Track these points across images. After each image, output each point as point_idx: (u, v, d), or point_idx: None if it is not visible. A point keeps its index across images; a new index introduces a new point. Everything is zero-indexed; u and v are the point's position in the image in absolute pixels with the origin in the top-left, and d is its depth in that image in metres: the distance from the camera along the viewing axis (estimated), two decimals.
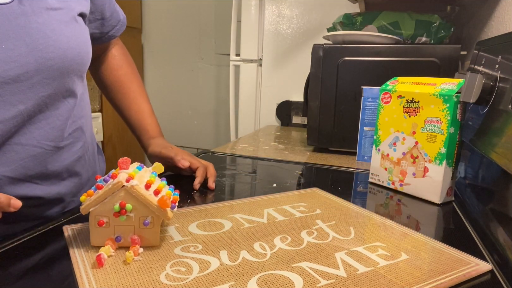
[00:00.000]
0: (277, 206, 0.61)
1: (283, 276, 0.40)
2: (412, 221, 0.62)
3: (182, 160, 0.71)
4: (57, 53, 0.52)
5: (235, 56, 1.75)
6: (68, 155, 0.60)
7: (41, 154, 0.54)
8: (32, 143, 0.52)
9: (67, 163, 0.59)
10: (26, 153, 0.52)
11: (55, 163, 0.57)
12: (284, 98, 1.64)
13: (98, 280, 0.39)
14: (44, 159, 0.55)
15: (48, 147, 0.55)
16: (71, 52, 0.55)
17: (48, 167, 0.56)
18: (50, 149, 0.55)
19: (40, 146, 0.54)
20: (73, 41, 0.55)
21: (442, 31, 1.04)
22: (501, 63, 0.64)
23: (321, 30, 1.55)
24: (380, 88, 0.76)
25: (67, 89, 0.56)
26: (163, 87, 2.53)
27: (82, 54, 0.58)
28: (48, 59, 0.51)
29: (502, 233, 0.54)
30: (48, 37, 0.51)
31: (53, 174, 0.57)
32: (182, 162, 0.70)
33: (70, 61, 0.54)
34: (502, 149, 0.55)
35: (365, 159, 0.95)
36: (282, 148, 1.13)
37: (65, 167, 0.59)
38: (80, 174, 0.63)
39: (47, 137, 0.54)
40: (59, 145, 0.57)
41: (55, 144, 0.56)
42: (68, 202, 0.62)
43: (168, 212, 0.45)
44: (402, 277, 0.41)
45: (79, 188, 0.64)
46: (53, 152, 0.56)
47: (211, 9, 2.32)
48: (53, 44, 0.52)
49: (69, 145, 0.60)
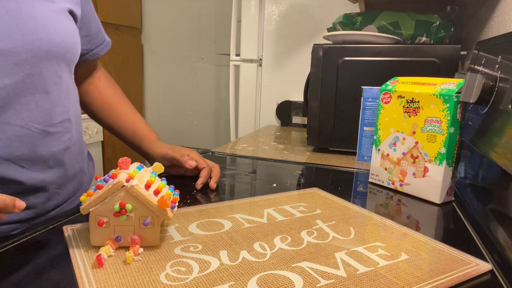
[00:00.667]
0: (277, 206, 0.61)
1: (283, 276, 0.40)
2: (412, 221, 0.62)
3: (189, 161, 0.71)
4: (45, 34, 0.54)
5: (235, 56, 1.75)
6: (56, 142, 0.60)
7: (28, 136, 0.54)
8: (19, 123, 0.53)
9: (54, 150, 0.59)
10: (13, 133, 0.53)
11: (42, 147, 0.57)
12: (284, 98, 1.64)
13: (98, 280, 0.39)
14: (31, 142, 0.55)
15: (35, 130, 0.55)
16: (59, 37, 0.56)
17: (36, 150, 0.56)
18: (37, 132, 0.56)
19: (28, 127, 0.54)
20: (62, 28, 0.57)
21: (442, 31, 1.04)
22: (501, 63, 0.64)
23: (321, 30, 1.55)
24: (380, 88, 0.76)
25: (55, 73, 0.58)
26: (163, 87, 2.54)
27: (69, 42, 0.59)
28: (36, 39, 0.53)
29: (502, 233, 0.54)
30: (37, 21, 0.53)
31: (40, 159, 0.57)
32: (189, 162, 0.71)
33: (57, 45, 0.56)
34: (502, 149, 0.55)
35: (365, 159, 0.95)
36: (282, 148, 1.13)
37: (52, 154, 0.59)
38: (66, 166, 0.63)
39: (34, 119, 0.55)
40: (47, 129, 0.57)
41: (43, 128, 0.57)
42: (51, 193, 0.61)
43: (168, 212, 0.45)
44: (402, 277, 0.41)
45: (64, 180, 0.63)
46: (41, 136, 0.56)
47: (211, 9, 2.32)
48: (42, 27, 0.54)
49: (58, 133, 0.60)
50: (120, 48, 2.28)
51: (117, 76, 2.27)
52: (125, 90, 0.83)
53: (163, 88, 2.53)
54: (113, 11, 2.18)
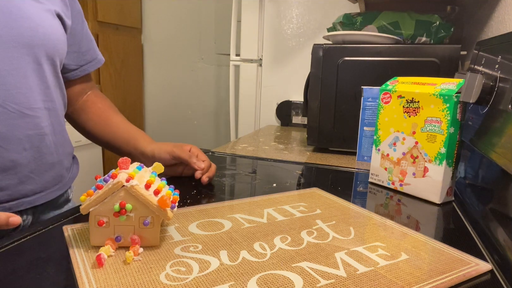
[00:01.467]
0: (277, 206, 0.61)
1: (283, 276, 0.40)
2: (412, 221, 0.62)
3: (197, 162, 0.72)
4: (28, 24, 0.59)
5: (235, 56, 1.75)
6: (33, 126, 0.62)
7: (4, 114, 0.57)
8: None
9: (30, 133, 0.61)
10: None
11: (18, 128, 0.59)
12: (284, 98, 1.64)
13: (98, 280, 0.39)
14: (6, 120, 0.58)
15: (12, 109, 0.58)
16: (42, 29, 0.61)
17: (11, 129, 0.58)
18: (13, 111, 0.58)
19: (4, 106, 0.57)
20: (45, 22, 0.62)
21: (442, 31, 1.04)
22: (501, 63, 0.64)
23: (321, 30, 1.55)
24: (380, 88, 0.76)
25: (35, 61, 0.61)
26: (163, 87, 2.54)
27: (51, 35, 0.64)
28: (20, 26, 0.58)
29: (502, 233, 0.54)
30: (23, 13, 0.59)
31: (14, 138, 0.59)
32: (198, 164, 0.72)
33: (40, 36, 0.61)
34: (502, 149, 0.55)
35: (365, 159, 0.95)
36: (282, 148, 1.13)
37: (27, 136, 0.61)
38: (43, 153, 0.64)
39: (12, 100, 0.58)
40: (23, 111, 0.60)
41: (20, 108, 0.59)
42: (24, 176, 0.61)
43: (168, 212, 0.45)
44: (402, 277, 0.41)
45: (39, 166, 0.63)
46: (17, 116, 0.59)
47: (211, 9, 2.32)
48: (27, 18, 0.59)
49: (35, 118, 0.62)
50: (120, 48, 2.28)
51: (117, 76, 2.27)
52: (125, 90, 0.84)
53: (163, 88, 2.53)
54: (113, 11, 2.18)
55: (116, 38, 2.23)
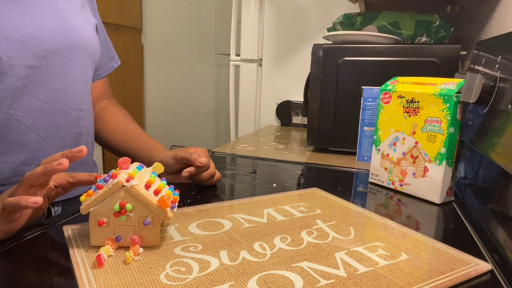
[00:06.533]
0: (277, 206, 0.61)
1: (283, 276, 0.40)
2: (412, 221, 0.62)
3: (199, 158, 0.71)
4: (78, 35, 0.67)
5: (235, 56, 1.74)
6: (74, 125, 0.68)
7: (51, 112, 0.64)
8: (46, 100, 0.63)
9: (71, 131, 0.68)
10: (39, 107, 0.62)
11: (62, 125, 0.66)
12: (284, 98, 1.64)
13: (98, 280, 0.39)
14: (52, 118, 0.64)
15: (58, 108, 0.64)
16: (88, 39, 0.70)
17: (56, 126, 0.65)
18: (60, 110, 0.65)
19: (52, 105, 0.63)
20: (90, 33, 0.72)
21: (442, 31, 1.04)
22: (501, 63, 0.64)
23: (321, 30, 1.55)
24: (380, 88, 0.76)
25: (82, 66, 0.69)
26: (163, 87, 2.53)
27: (94, 46, 0.73)
28: (71, 34, 0.66)
29: (502, 233, 0.54)
30: (73, 22, 0.67)
31: (57, 134, 0.65)
32: (199, 160, 0.71)
33: (86, 43, 0.69)
34: (502, 149, 0.55)
35: (365, 159, 0.95)
36: (282, 148, 1.13)
37: (69, 133, 0.67)
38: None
39: (59, 100, 0.64)
40: (69, 111, 0.66)
41: (66, 108, 0.66)
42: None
43: (168, 212, 0.45)
44: (402, 277, 0.41)
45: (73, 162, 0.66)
46: (62, 115, 0.65)
47: (211, 9, 2.32)
48: (77, 28, 0.68)
49: (77, 118, 0.68)
50: (120, 48, 2.27)
51: (117, 76, 2.27)
52: (125, 90, 0.85)
53: (163, 88, 2.53)
54: (113, 11, 2.18)
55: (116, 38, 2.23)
